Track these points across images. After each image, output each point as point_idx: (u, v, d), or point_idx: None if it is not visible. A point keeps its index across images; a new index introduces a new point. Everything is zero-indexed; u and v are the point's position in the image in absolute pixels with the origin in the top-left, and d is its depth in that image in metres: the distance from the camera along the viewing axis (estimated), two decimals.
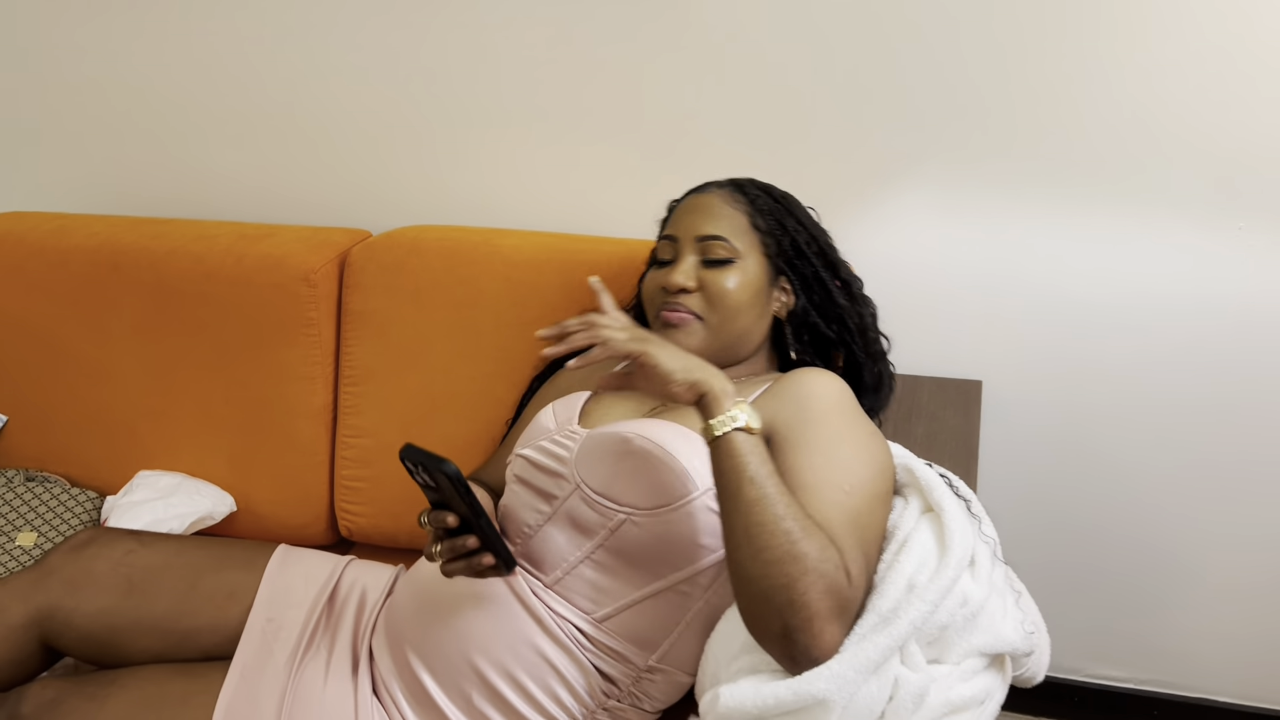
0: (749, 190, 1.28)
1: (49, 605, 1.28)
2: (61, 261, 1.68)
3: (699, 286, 1.22)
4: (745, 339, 1.24)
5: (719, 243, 1.22)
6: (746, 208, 1.25)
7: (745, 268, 1.22)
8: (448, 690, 1.13)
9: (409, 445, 1.05)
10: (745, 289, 1.22)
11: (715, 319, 1.22)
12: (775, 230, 1.25)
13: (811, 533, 0.96)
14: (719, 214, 1.25)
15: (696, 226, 1.24)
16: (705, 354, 1.21)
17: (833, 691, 0.94)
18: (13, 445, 1.73)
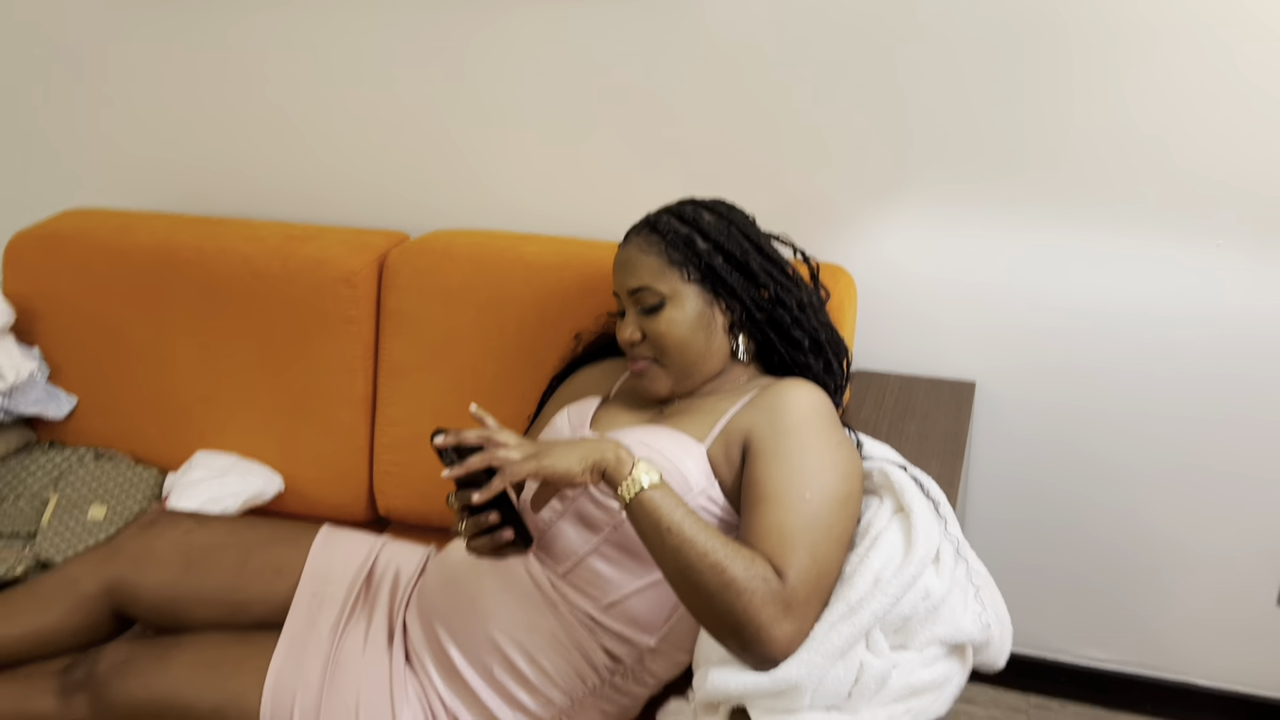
0: (661, 226, 1.32)
1: (118, 578, 1.43)
2: (123, 260, 1.83)
3: (643, 336, 1.31)
4: (704, 361, 1.32)
5: (645, 292, 1.30)
6: (660, 246, 1.31)
7: (677, 303, 1.29)
8: (472, 662, 1.27)
9: (439, 429, 1.17)
10: (681, 323, 1.29)
11: (666, 357, 1.30)
12: (689, 258, 1.30)
13: (735, 555, 1.08)
14: (638, 264, 1.31)
15: (625, 282, 1.32)
16: (675, 387, 1.33)
17: (804, 677, 1.07)
18: (82, 426, 1.89)
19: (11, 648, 1.40)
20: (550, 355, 1.62)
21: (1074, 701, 1.94)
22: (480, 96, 1.80)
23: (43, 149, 2.11)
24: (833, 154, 1.67)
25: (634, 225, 1.37)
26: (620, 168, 1.77)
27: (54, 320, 1.89)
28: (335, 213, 1.95)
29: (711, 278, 1.30)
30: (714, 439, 1.26)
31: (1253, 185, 1.52)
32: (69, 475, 1.79)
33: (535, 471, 1.12)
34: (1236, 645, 1.80)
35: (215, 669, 1.31)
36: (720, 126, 1.70)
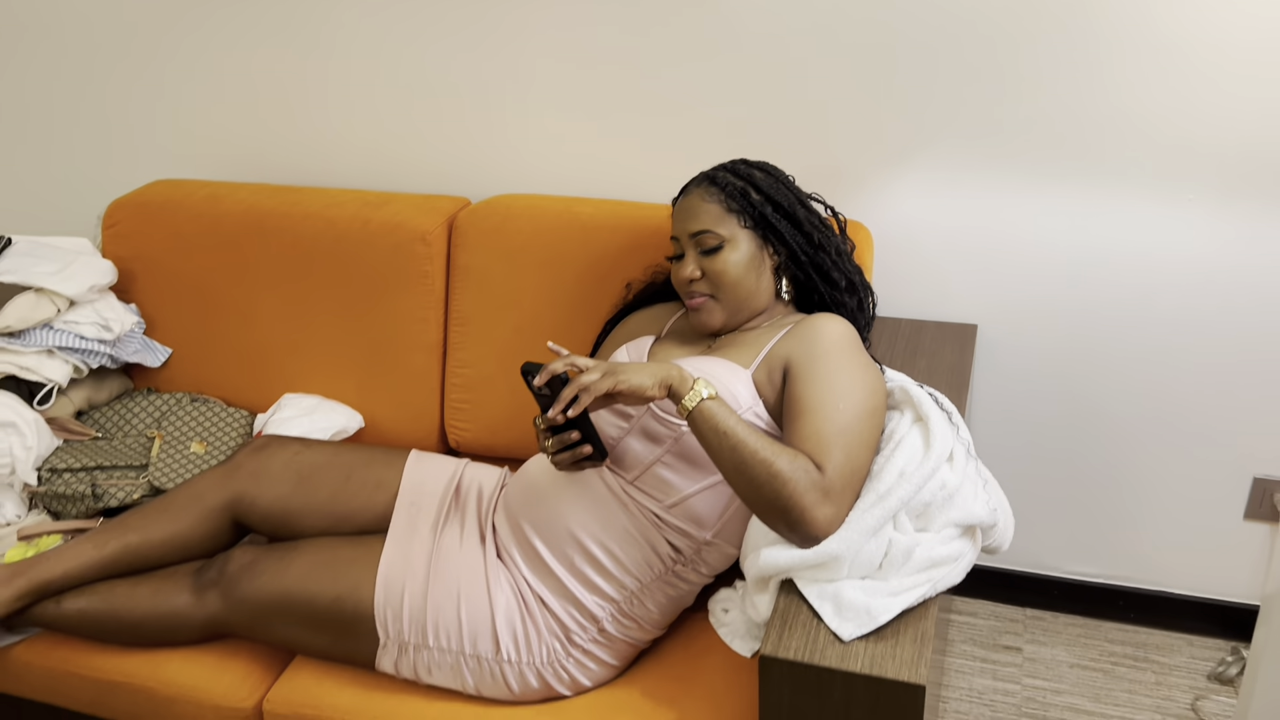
0: (719, 179, 1.54)
1: (238, 492, 1.65)
2: (215, 224, 2.04)
3: (703, 274, 1.53)
4: (754, 298, 1.55)
5: (706, 234, 1.52)
6: (719, 196, 1.53)
7: (734, 245, 1.52)
8: (555, 554, 1.49)
9: (527, 362, 1.39)
10: (738, 264, 1.52)
11: (723, 294, 1.53)
12: (745, 208, 1.53)
13: (780, 452, 1.30)
14: (700, 211, 1.53)
15: (687, 226, 1.54)
16: (727, 321, 1.55)
17: (843, 550, 1.29)
18: (177, 374, 2.11)
19: (152, 552, 1.62)
20: (603, 305, 1.84)
21: (1065, 613, 2.17)
22: (533, 75, 2.01)
23: (128, 126, 2.32)
24: (851, 123, 1.88)
25: (692, 179, 1.58)
26: (658, 138, 1.99)
27: (149, 280, 2.10)
28: (402, 182, 2.16)
29: (763, 225, 1.53)
30: (758, 365, 1.49)
31: (1219, 147, 1.74)
32: (169, 416, 2.01)
33: (614, 387, 1.33)
34: (1209, 557, 2.03)
35: (332, 566, 1.53)
36: (750, 99, 1.91)
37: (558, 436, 1.43)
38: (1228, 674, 1.98)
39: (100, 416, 2.03)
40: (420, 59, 2.06)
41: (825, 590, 1.29)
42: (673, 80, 1.94)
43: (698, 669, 1.51)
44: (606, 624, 1.48)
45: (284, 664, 1.61)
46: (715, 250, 1.52)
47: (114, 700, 1.62)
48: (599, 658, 1.49)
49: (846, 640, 1.24)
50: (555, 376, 1.35)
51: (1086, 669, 2.04)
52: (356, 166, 2.19)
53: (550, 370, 1.35)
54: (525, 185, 2.09)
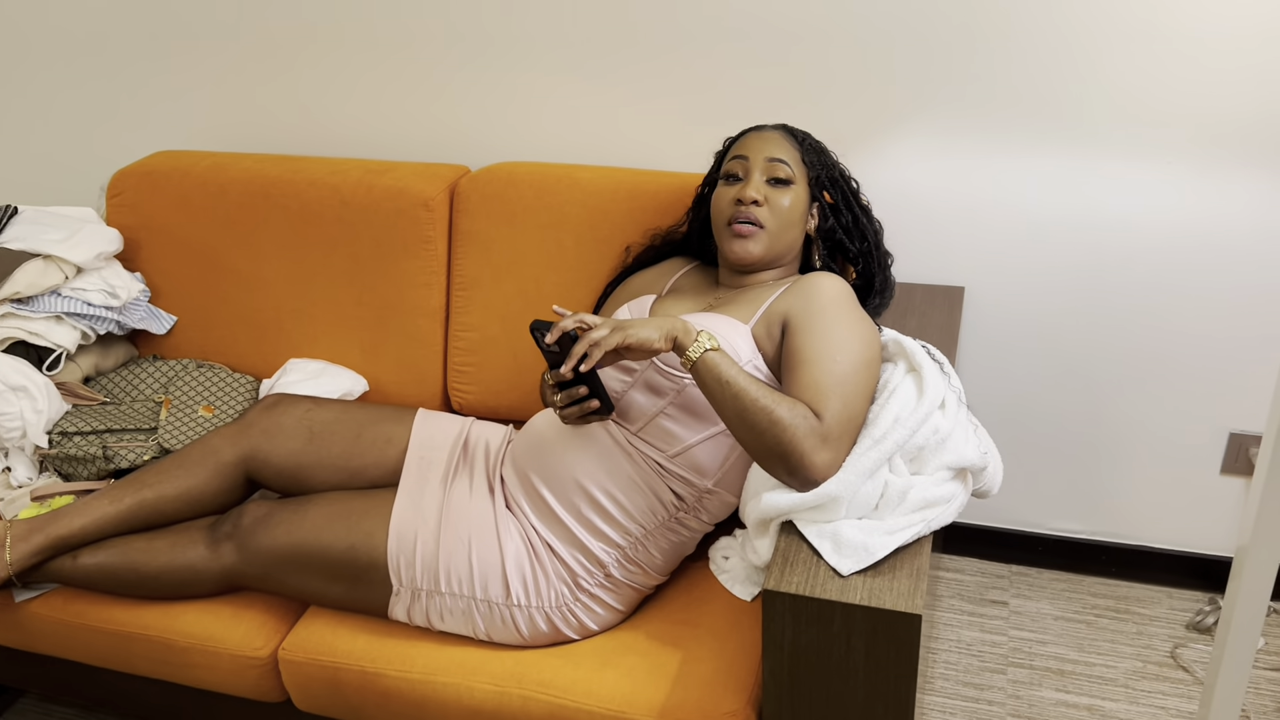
0: (796, 133, 1.64)
1: (251, 448, 1.70)
2: (220, 192, 2.08)
3: (765, 201, 1.59)
4: (790, 249, 1.62)
5: (784, 165, 1.59)
6: (796, 145, 1.62)
7: (797, 191, 1.59)
8: (563, 503, 1.55)
9: (536, 320, 1.44)
10: (796, 208, 1.59)
11: (774, 228, 1.58)
12: (816, 166, 1.62)
13: (779, 400, 1.36)
14: (781, 144, 1.61)
15: (767, 150, 1.60)
16: (762, 257, 1.60)
17: (841, 491, 1.35)
18: (182, 340, 2.15)
19: (167, 507, 1.67)
20: (603, 267, 1.89)
21: (1049, 568, 2.25)
22: (531, 45, 2.05)
23: (130, 100, 2.35)
24: (842, 90, 1.94)
25: (764, 123, 1.67)
26: (655, 106, 2.04)
27: (154, 248, 2.14)
28: (400, 153, 2.20)
29: (820, 187, 1.62)
30: (757, 320, 1.54)
31: (1197, 113, 1.81)
32: (176, 382, 2.05)
33: (622, 341, 1.39)
34: (1187, 512, 2.11)
35: (346, 517, 1.58)
36: (746, 65, 1.96)
37: (566, 391, 1.48)
38: (1205, 623, 2.06)
39: (108, 382, 2.07)
40: (419, 29, 2.10)
41: (824, 530, 1.35)
42: (666, 49, 1.99)
43: (700, 613, 1.57)
44: (612, 569, 1.53)
45: (298, 614, 1.66)
46: (784, 183, 1.58)
47: (131, 652, 1.66)
48: (605, 602, 1.54)
49: (845, 575, 1.30)
50: (565, 334, 1.40)
51: (1070, 621, 2.11)
52: (355, 140, 2.23)
53: (561, 328, 1.40)
54: (523, 154, 2.14)
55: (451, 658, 1.53)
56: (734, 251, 1.59)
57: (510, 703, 1.47)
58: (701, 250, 1.78)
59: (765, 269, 1.63)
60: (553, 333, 1.40)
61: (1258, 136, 1.79)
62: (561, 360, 1.44)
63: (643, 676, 1.46)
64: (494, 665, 1.50)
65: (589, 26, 2.01)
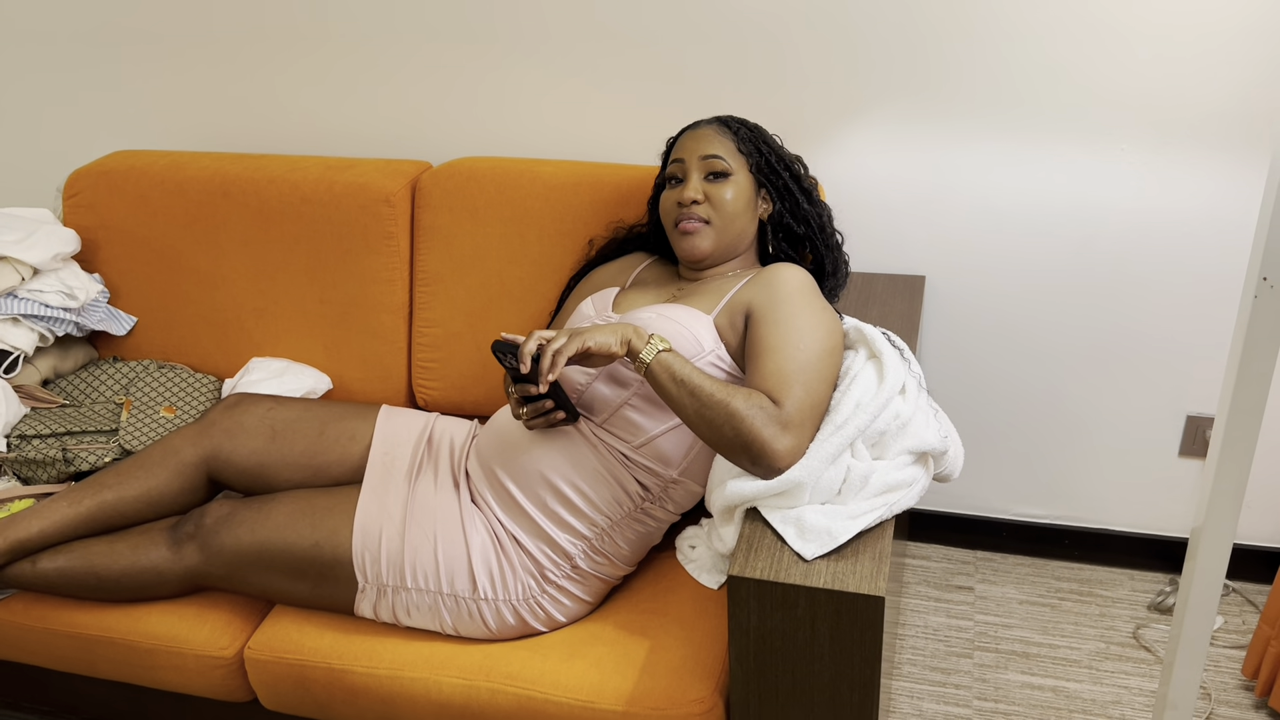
0: (731, 123, 1.65)
1: (213, 448, 1.69)
2: (179, 190, 2.06)
3: (706, 198, 1.60)
4: (741, 238, 1.63)
5: (718, 160, 1.60)
6: (731, 136, 1.63)
7: (738, 181, 1.60)
8: (528, 496, 1.55)
9: (498, 340, 1.45)
10: (739, 198, 1.61)
11: (720, 222, 1.60)
12: (754, 153, 1.63)
13: (734, 392, 1.37)
14: (714, 139, 1.62)
15: (700, 149, 1.61)
16: (712, 251, 1.61)
17: (805, 476, 1.36)
18: (142, 342, 2.13)
19: (127, 509, 1.65)
20: (567, 261, 1.89)
21: (1013, 554, 2.27)
22: (491, 39, 2.05)
23: (84, 100, 2.32)
24: (800, 81, 1.95)
25: (700, 120, 1.67)
26: (616, 98, 2.04)
27: (112, 249, 2.12)
28: (358, 150, 2.19)
29: (764, 174, 1.62)
30: (719, 311, 1.55)
31: (1150, 101, 1.84)
32: (137, 383, 2.03)
33: (581, 346, 1.39)
34: (1147, 494, 2.14)
35: (309, 514, 1.57)
36: (704, 58, 1.97)
37: (532, 405, 1.49)
38: (1165, 604, 2.09)
39: (67, 385, 2.05)
40: (376, 25, 2.10)
41: (788, 515, 1.36)
42: (626, 42, 1.99)
43: (667, 602, 1.57)
44: (579, 560, 1.53)
45: (263, 613, 1.65)
46: (722, 176, 1.59)
47: (95, 656, 1.65)
48: (573, 593, 1.54)
49: (809, 559, 1.31)
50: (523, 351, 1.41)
51: (1035, 604, 2.13)
52: (315, 137, 2.22)
53: (527, 354, 1.40)
54: (484, 150, 2.13)
55: (419, 653, 1.52)
56: (684, 250, 1.61)
57: (479, 696, 1.47)
58: (662, 246, 1.78)
59: (721, 261, 1.63)
60: (523, 361, 1.40)
61: (1215, 124, 1.82)
62: (524, 376, 1.44)
63: (610, 666, 1.46)
64: (462, 659, 1.50)
65: (548, 19, 2.01)
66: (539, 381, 1.40)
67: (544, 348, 1.40)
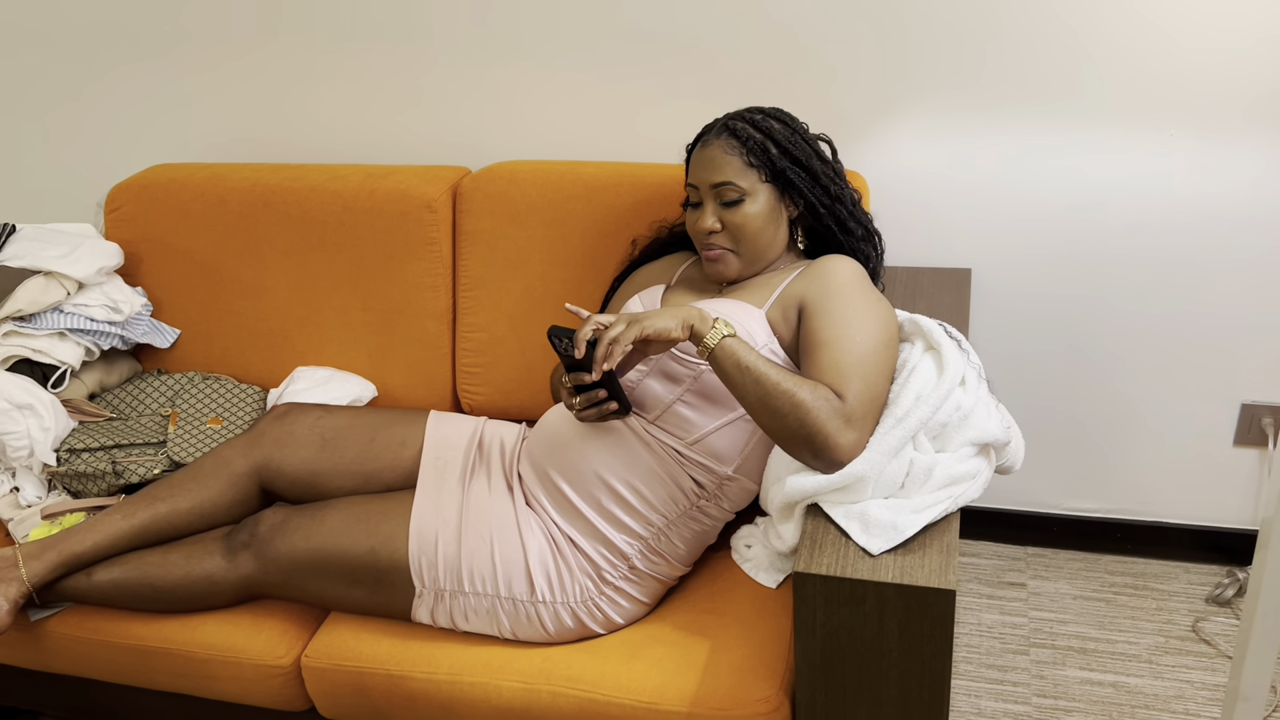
0: (739, 132, 1.55)
1: (264, 458, 1.68)
2: (220, 202, 2.06)
3: (723, 226, 1.57)
4: (770, 249, 1.59)
5: (728, 187, 1.55)
6: (739, 149, 1.54)
7: (754, 198, 1.55)
8: (583, 497, 1.53)
9: (554, 326, 1.43)
10: (758, 216, 1.56)
11: (741, 246, 1.57)
12: (765, 162, 1.56)
13: (801, 383, 1.35)
14: (721, 163, 1.54)
15: (708, 177, 1.56)
16: (743, 271, 1.59)
17: (868, 470, 1.34)
18: (186, 354, 2.13)
19: (180, 520, 1.65)
20: (610, 261, 1.88)
21: (1065, 549, 2.24)
22: (523, 44, 2.05)
23: (124, 115, 2.33)
24: (846, 73, 1.94)
25: (709, 128, 1.61)
26: (653, 97, 2.03)
27: (154, 262, 2.12)
28: (398, 157, 2.19)
29: (782, 179, 1.57)
30: (771, 305, 1.54)
31: (1200, 83, 1.81)
32: (183, 395, 2.03)
33: (640, 333, 1.37)
34: (1202, 486, 2.10)
35: (364, 520, 1.57)
36: (746, 52, 1.95)
37: (585, 395, 1.48)
38: (1224, 596, 2.06)
39: (113, 399, 2.05)
40: (412, 32, 2.10)
41: (851, 511, 1.34)
42: (660, 41, 1.98)
43: (726, 601, 1.56)
44: (636, 560, 1.52)
45: (319, 620, 1.64)
46: (736, 203, 1.55)
47: (152, 667, 1.64)
48: (630, 595, 1.53)
49: (875, 554, 1.29)
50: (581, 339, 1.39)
51: (1089, 599, 2.10)
52: (354, 146, 2.22)
53: (581, 338, 1.38)
54: (523, 154, 2.13)
55: (477, 657, 1.51)
56: (711, 275, 1.61)
57: (539, 700, 1.46)
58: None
59: (759, 271, 1.61)
60: (578, 345, 1.39)
61: (1261, 105, 1.80)
62: (577, 363, 1.43)
63: (672, 667, 1.44)
64: (521, 663, 1.49)
65: (579, 23, 2.00)
66: (592, 369, 1.39)
67: (601, 334, 1.39)
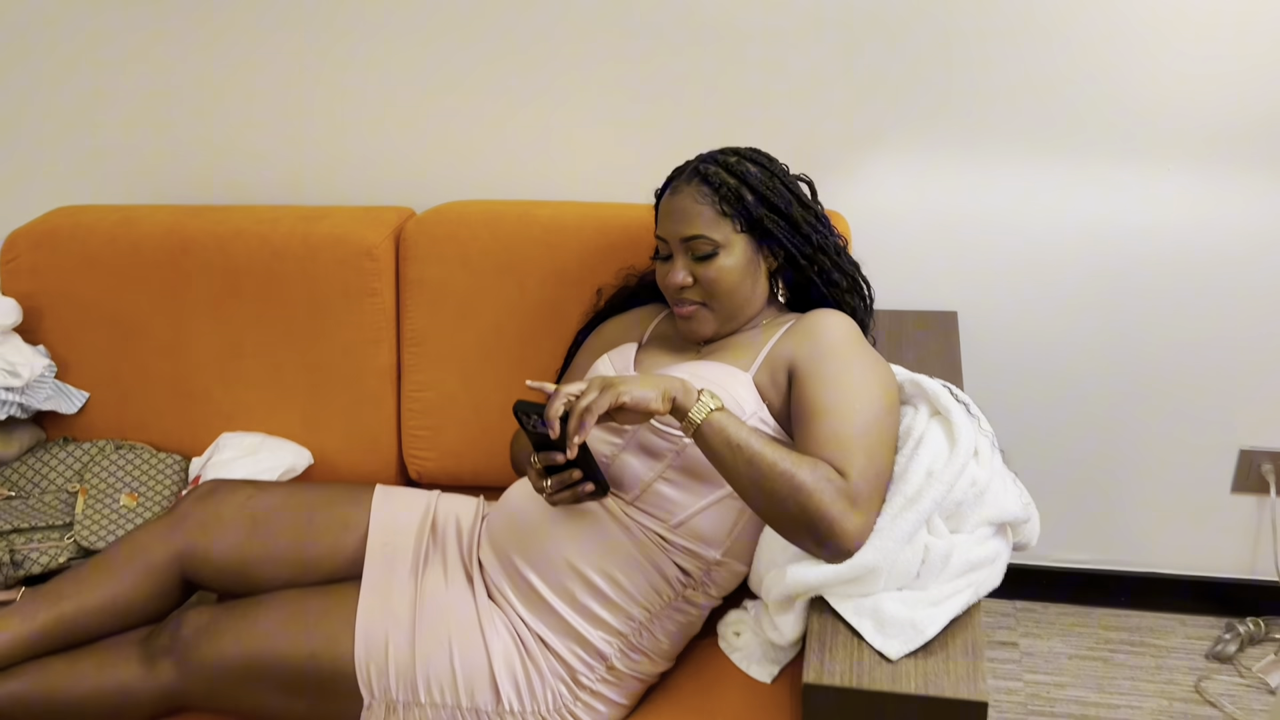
0: (711, 178, 1.41)
1: (187, 545, 1.48)
2: (133, 249, 1.85)
3: (695, 280, 1.41)
4: (748, 304, 1.44)
5: (699, 240, 1.40)
6: (711, 198, 1.40)
7: (728, 251, 1.40)
8: (554, 589, 1.36)
9: (520, 401, 1.26)
10: (732, 271, 1.40)
11: (716, 302, 1.42)
12: (740, 210, 1.40)
13: (800, 462, 1.20)
14: (692, 214, 1.40)
15: (678, 230, 1.41)
16: (719, 329, 1.44)
17: (879, 561, 1.19)
18: (97, 419, 1.91)
19: (89, 621, 1.43)
20: (573, 312, 1.72)
21: (1054, 602, 2.12)
22: (473, 68, 1.87)
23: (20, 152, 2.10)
24: (819, 108, 1.80)
25: (679, 173, 1.46)
26: (613, 131, 1.86)
27: (58, 317, 1.90)
28: (332, 195, 2.00)
29: (759, 229, 1.41)
30: (758, 367, 1.38)
31: (1199, 113, 1.70)
32: (92, 467, 1.81)
33: (615, 401, 1.20)
34: (1198, 534, 2.00)
35: (303, 619, 1.37)
36: (716, 87, 1.81)
37: (557, 476, 1.31)
38: (1226, 651, 1.95)
39: (12, 473, 1.82)
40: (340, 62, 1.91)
41: (863, 606, 1.19)
42: (621, 69, 1.82)
43: (715, 699, 1.39)
44: (615, 660, 1.35)
45: None
46: (708, 257, 1.40)
47: None
48: (608, 698, 1.36)
49: (894, 659, 1.14)
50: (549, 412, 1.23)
51: (1086, 659, 1.98)
52: (281, 183, 2.01)
53: (554, 416, 1.21)
54: (474, 192, 1.94)
55: None
56: (685, 334, 1.47)
57: None
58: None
59: (736, 329, 1.46)
60: (550, 424, 1.21)
61: (1264, 137, 1.69)
62: (548, 441, 1.26)
63: None
64: None
65: (539, 44, 1.83)
66: (565, 447, 1.22)
67: (572, 404, 1.22)
